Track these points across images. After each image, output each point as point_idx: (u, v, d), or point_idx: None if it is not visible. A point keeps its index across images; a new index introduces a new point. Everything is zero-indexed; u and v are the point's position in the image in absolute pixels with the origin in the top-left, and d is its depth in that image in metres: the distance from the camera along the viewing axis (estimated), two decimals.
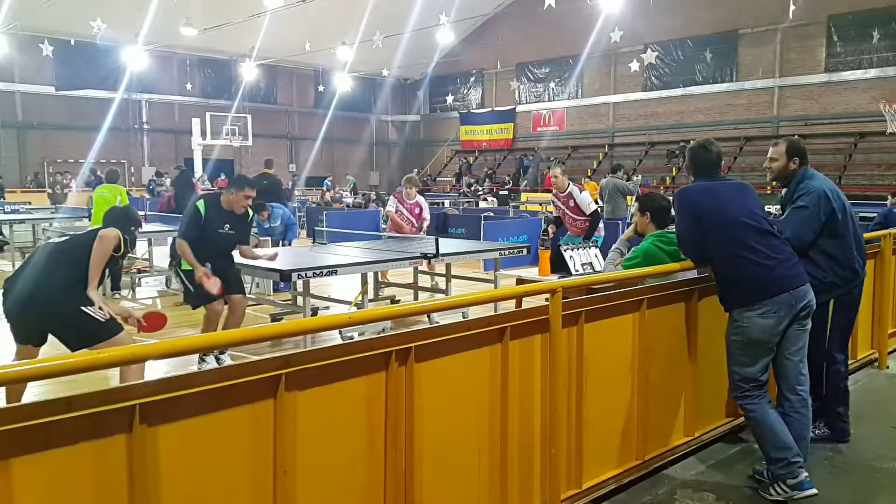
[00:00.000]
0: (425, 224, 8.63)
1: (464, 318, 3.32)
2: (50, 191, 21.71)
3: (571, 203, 7.11)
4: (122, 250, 4.02)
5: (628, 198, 11.76)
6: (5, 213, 14.02)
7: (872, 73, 21.48)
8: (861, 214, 4.76)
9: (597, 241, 5.95)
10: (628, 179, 13.42)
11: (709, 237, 3.36)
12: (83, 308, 3.76)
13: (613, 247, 4.32)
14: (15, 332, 3.91)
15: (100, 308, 3.82)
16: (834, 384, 3.99)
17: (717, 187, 3.47)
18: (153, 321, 4.14)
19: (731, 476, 3.56)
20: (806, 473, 3.20)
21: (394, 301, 8.01)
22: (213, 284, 5.12)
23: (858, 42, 21.68)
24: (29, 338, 3.92)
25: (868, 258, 4.59)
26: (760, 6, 22.76)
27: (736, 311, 3.33)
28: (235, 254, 5.65)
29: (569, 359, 3.09)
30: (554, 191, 7.37)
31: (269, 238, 9.16)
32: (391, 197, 8.80)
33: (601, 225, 7.27)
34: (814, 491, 3.17)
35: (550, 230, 7.41)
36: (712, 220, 3.35)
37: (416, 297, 7.78)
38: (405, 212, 8.50)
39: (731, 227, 3.31)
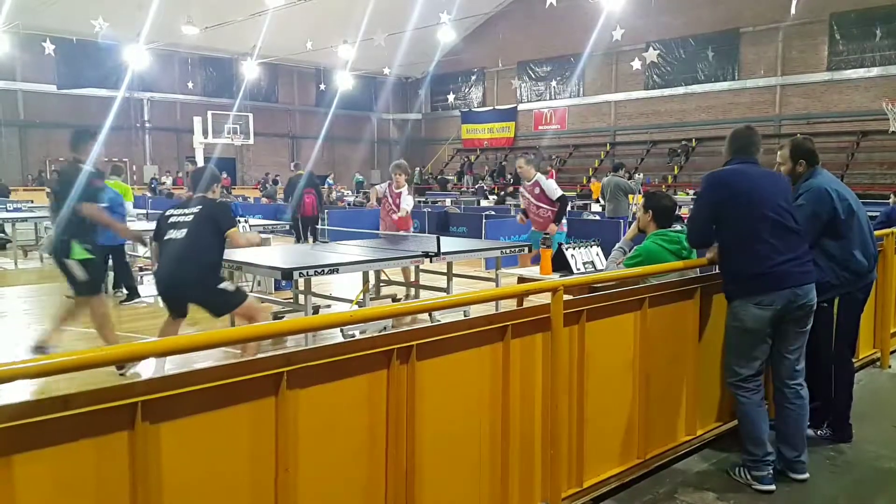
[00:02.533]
0: (403, 213, 8.17)
1: (465, 316, 3.32)
2: (48, 189, 21.65)
3: (537, 190, 7.31)
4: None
5: (630, 196, 11.75)
6: (7, 211, 14.04)
7: (875, 71, 21.46)
8: None
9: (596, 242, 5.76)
10: (630, 178, 13.42)
11: (727, 226, 3.36)
12: (220, 286, 4.80)
13: (616, 246, 4.33)
14: (170, 307, 4.97)
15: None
16: (842, 385, 3.98)
17: (751, 172, 3.41)
18: None
19: (731, 476, 3.56)
20: (771, 471, 3.36)
21: (395, 299, 8.01)
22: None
23: (861, 40, 21.65)
24: (179, 311, 4.94)
25: None
26: (762, 4, 22.75)
27: (736, 301, 3.39)
28: None
29: (570, 357, 3.09)
30: (522, 182, 7.64)
31: None
32: (385, 182, 8.64)
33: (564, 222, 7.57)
34: (772, 487, 3.35)
35: (519, 219, 7.81)
36: (736, 208, 3.32)
37: (417, 296, 7.78)
38: (389, 198, 8.13)
39: (752, 219, 3.29)
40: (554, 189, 7.30)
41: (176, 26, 22.39)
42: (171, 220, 4.87)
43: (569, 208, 18.43)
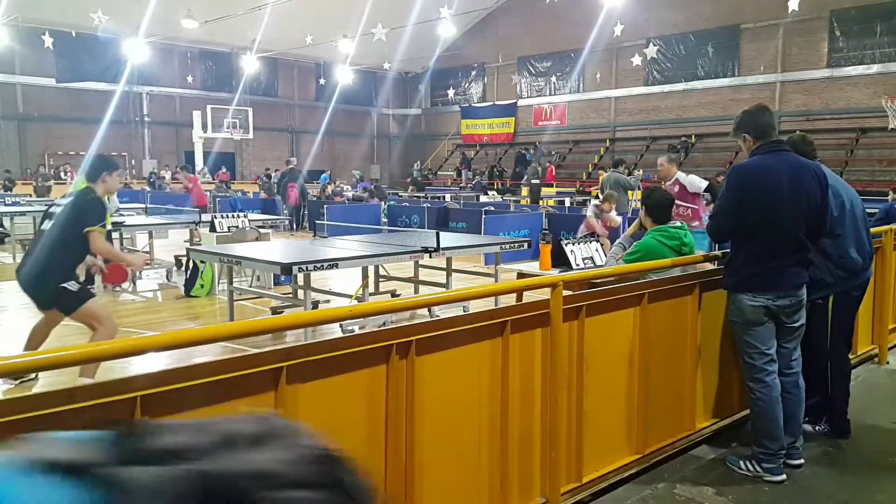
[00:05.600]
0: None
1: (464, 311, 3.32)
2: (34, 183, 21.21)
3: (676, 188, 7.06)
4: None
5: (629, 193, 11.75)
6: (6, 205, 14.02)
7: (875, 68, 21.42)
8: None
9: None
10: (630, 174, 13.39)
11: (746, 226, 3.33)
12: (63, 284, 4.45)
13: (617, 242, 4.34)
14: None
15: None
16: (839, 381, 3.99)
17: (780, 168, 3.28)
18: (114, 272, 4.90)
19: (730, 470, 3.56)
20: (781, 462, 3.41)
21: (394, 295, 8.00)
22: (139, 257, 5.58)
23: (861, 37, 21.60)
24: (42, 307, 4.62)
25: None
26: (763, 1, 22.68)
27: (733, 294, 3.47)
28: None
29: (569, 352, 3.10)
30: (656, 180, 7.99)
31: None
32: (592, 205, 10.08)
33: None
34: (782, 477, 3.38)
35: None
36: (757, 208, 3.27)
37: (416, 291, 7.77)
38: (599, 224, 9.36)
39: (768, 220, 3.28)
40: (697, 183, 7.13)
41: (175, 20, 22.33)
42: (50, 210, 4.62)
43: (567, 204, 18.36)
